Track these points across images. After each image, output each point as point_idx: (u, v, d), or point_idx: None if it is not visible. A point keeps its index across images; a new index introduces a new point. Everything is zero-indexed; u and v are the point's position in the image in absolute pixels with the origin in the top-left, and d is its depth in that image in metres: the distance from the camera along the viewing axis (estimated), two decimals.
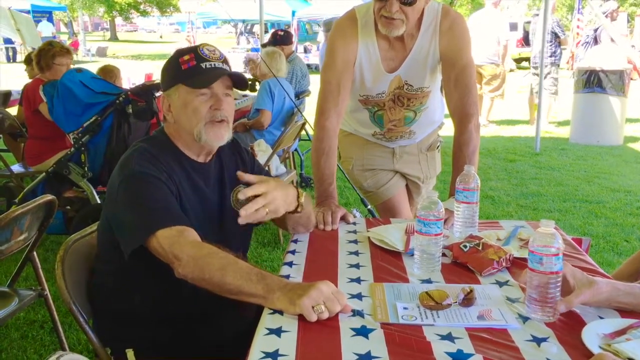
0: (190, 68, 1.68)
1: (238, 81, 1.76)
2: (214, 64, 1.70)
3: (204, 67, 1.68)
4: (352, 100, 2.42)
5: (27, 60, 5.70)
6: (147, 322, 1.71)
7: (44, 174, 3.82)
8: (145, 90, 3.63)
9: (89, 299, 1.79)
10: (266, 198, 1.64)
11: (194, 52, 1.70)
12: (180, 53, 1.73)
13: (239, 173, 1.73)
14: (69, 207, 3.83)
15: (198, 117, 1.69)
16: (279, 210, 1.69)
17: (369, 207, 3.17)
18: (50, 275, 3.43)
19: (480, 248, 1.70)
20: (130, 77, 8.12)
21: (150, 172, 1.63)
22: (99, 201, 3.76)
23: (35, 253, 2.38)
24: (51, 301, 2.44)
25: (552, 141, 7.94)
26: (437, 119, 2.60)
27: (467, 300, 1.43)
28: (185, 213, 1.65)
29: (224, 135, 1.73)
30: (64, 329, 2.66)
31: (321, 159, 2.23)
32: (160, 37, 44.30)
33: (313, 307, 1.34)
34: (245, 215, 1.60)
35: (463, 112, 2.24)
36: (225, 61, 1.74)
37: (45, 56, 4.31)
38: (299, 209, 1.79)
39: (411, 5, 2.07)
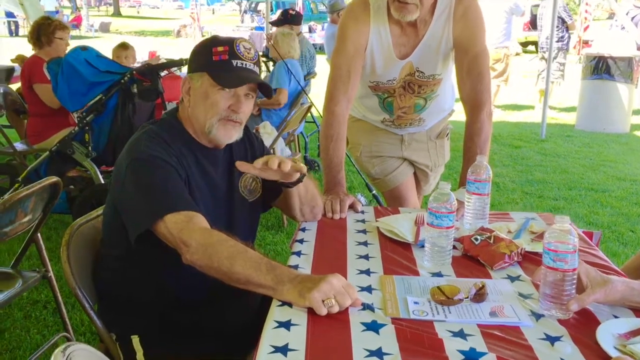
0: (221, 61, 1.64)
1: (264, 90, 1.74)
2: (245, 64, 1.66)
3: (234, 64, 1.65)
4: (362, 87, 2.38)
5: None
6: (152, 308, 1.69)
7: (47, 152, 3.79)
8: (151, 70, 3.58)
9: (94, 284, 1.78)
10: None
11: (230, 45, 1.66)
12: (215, 42, 1.69)
13: (238, 163, 1.67)
14: (72, 187, 3.81)
15: (214, 112, 1.66)
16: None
17: (374, 191, 3.15)
18: (53, 254, 3.43)
19: (491, 241, 1.68)
20: (135, 56, 8.02)
21: (159, 155, 1.60)
22: (102, 181, 3.74)
23: (39, 234, 2.35)
24: (55, 283, 2.42)
25: (558, 127, 7.89)
26: (447, 106, 2.56)
27: (479, 295, 1.41)
28: (194, 198, 1.63)
29: (233, 136, 1.71)
30: (67, 310, 2.65)
31: (330, 145, 2.20)
32: (138, 12, 42.54)
33: (323, 301, 1.31)
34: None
35: (475, 100, 2.20)
36: (257, 62, 1.71)
37: (46, 31, 4.29)
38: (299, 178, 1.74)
39: None
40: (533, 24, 18.74)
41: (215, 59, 1.66)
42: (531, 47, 17.99)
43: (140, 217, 1.54)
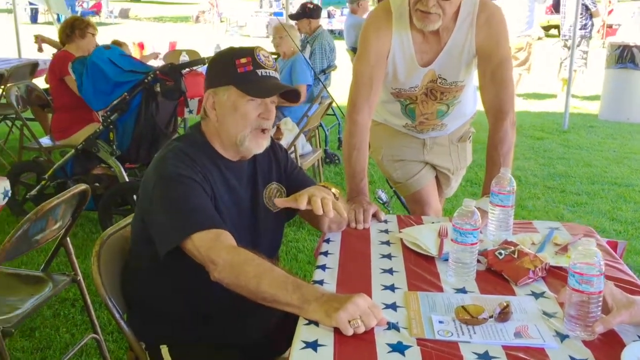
0: (247, 73, 1.66)
1: (291, 95, 1.77)
2: (269, 73, 1.69)
3: (260, 74, 1.67)
4: (384, 93, 2.38)
5: None
6: (179, 320, 1.73)
7: (73, 151, 3.86)
8: (173, 70, 3.61)
9: (123, 293, 1.82)
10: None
11: (252, 56, 1.68)
12: (236, 54, 1.70)
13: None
14: (97, 184, 3.87)
15: (246, 123, 1.68)
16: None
17: (394, 187, 3.16)
18: (80, 251, 3.50)
19: (515, 256, 1.68)
20: (155, 46, 8.08)
21: (186, 173, 1.63)
22: (127, 179, 3.80)
23: (68, 239, 2.41)
24: (84, 286, 2.47)
25: (581, 117, 7.79)
26: (469, 111, 2.56)
27: (504, 314, 1.42)
28: (220, 213, 1.66)
29: (264, 145, 1.74)
30: (95, 308, 2.70)
31: (352, 154, 2.21)
32: None
33: (349, 322, 1.34)
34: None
35: (499, 109, 2.19)
36: (276, 68, 1.74)
37: (80, 25, 4.49)
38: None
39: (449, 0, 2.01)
40: (556, 8, 18.41)
41: (241, 71, 1.67)
42: (554, 31, 17.67)
43: (169, 235, 1.57)
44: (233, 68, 1.68)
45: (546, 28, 18.25)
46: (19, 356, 2.68)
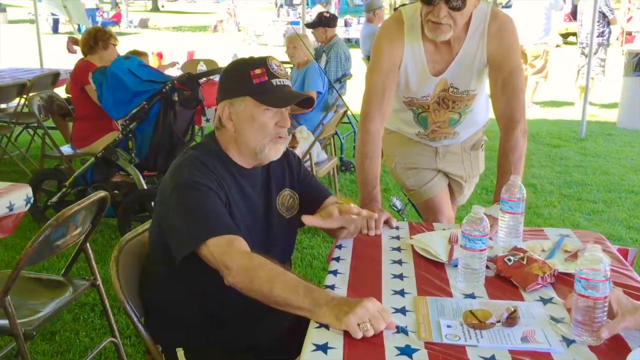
0: (262, 84, 1.71)
1: (306, 102, 1.83)
2: (283, 82, 1.74)
3: (275, 84, 1.72)
4: (397, 101, 2.42)
5: None
6: (195, 324, 1.77)
7: (93, 159, 3.94)
8: (191, 80, 3.68)
9: (140, 297, 1.87)
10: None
11: (265, 66, 1.73)
12: (249, 65, 1.74)
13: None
14: (116, 192, 3.95)
15: (264, 133, 1.73)
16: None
17: (407, 195, 3.19)
18: (99, 257, 3.57)
19: (524, 262, 1.70)
20: (173, 55, 8.21)
21: (201, 180, 1.68)
22: (145, 186, 3.87)
23: (88, 244, 2.47)
24: (103, 290, 2.53)
25: (599, 125, 7.75)
26: (481, 119, 2.58)
27: (511, 319, 1.44)
28: (235, 220, 1.70)
29: (281, 150, 1.80)
30: (113, 313, 2.75)
31: (365, 162, 2.25)
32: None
33: (359, 325, 1.37)
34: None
35: (510, 117, 2.21)
36: (288, 77, 1.79)
37: (103, 37, 4.60)
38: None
39: (460, 10, 2.05)
40: (574, 15, 18.30)
41: (256, 82, 1.72)
42: (572, 39, 17.57)
43: (185, 241, 1.62)
44: (248, 79, 1.72)
45: (564, 35, 18.15)
46: (40, 359, 2.74)
